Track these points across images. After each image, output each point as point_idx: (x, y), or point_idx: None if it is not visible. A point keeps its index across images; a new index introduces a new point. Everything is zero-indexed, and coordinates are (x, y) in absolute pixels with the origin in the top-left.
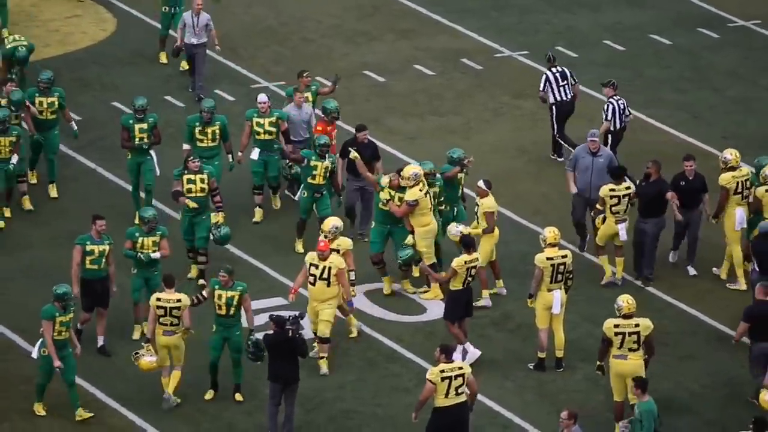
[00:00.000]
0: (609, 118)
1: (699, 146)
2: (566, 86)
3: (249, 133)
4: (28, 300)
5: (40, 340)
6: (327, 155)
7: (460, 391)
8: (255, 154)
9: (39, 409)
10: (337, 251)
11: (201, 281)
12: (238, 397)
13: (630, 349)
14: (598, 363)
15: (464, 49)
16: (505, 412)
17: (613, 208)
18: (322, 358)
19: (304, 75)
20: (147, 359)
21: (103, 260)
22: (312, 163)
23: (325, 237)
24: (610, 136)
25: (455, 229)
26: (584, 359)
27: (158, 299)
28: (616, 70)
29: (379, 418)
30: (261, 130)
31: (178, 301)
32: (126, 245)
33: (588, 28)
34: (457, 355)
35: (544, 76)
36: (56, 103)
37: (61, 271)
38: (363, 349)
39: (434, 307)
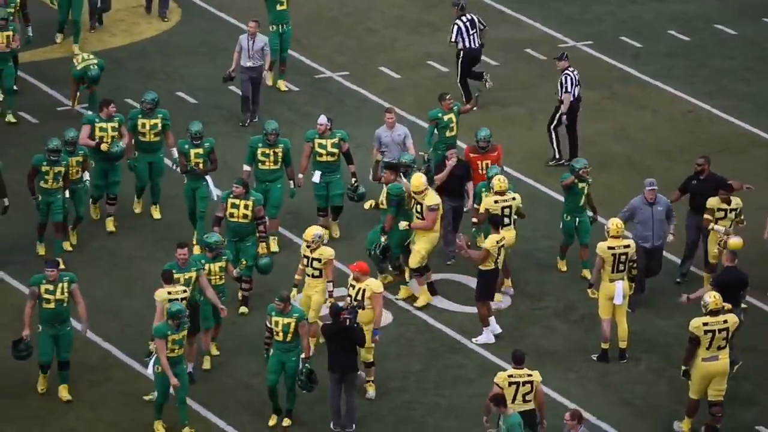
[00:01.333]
0: (569, 89)
1: (763, 136)
2: (475, 34)
3: (309, 154)
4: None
5: (154, 356)
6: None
7: (528, 398)
8: (317, 177)
9: (158, 428)
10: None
11: (242, 309)
12: (286, 422)
13: (719, 348)
14: (683, 368)
15: (528, 40)
16: (568, 403)
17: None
18: (368, 381)
19: (447, 98)
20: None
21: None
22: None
23: (308, 246)
24: (565, 116)
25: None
26: (648, 350)
27: (168, 292)
28: (680, 60)
29: (442, 409)
30: (323, 152)
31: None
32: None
33: (652, 17)
34: (483, 336)
35: (455, 26)
36: (159, 125)
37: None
38: (426, 339)
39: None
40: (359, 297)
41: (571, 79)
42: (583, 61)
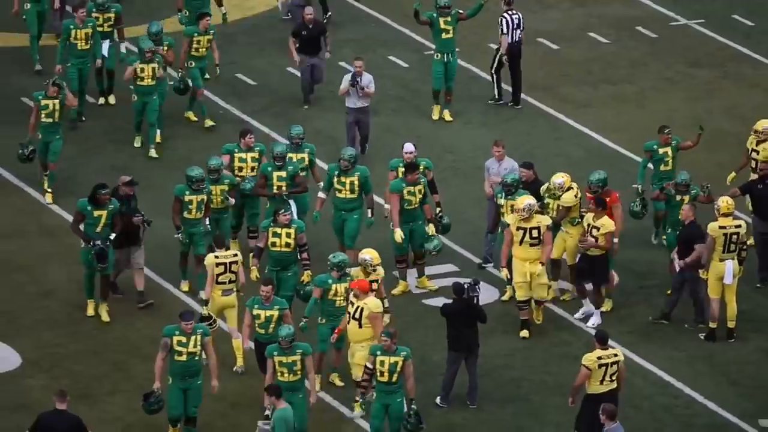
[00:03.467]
0: (505, 31)
1: None
2: (518, 30)
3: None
4: None
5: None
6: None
7: (613, 378)
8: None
9: None
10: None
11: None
12: None
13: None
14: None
15: (639, 17)
16: (675, 382)
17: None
18: (356, 401)
19: (666, 131)
20: (217, 323)
21: (271, 325)
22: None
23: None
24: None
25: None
26: (756, 330)
27: (216, 256)
28: None
29: (549, 386)
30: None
31: (235, 255)
32: (314, 294)
33: None
34: (595, 318)
35: (502, 19)
36: (306, 159)
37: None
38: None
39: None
40: (357, 315)
41: (509, 21)
42: (695, 40)
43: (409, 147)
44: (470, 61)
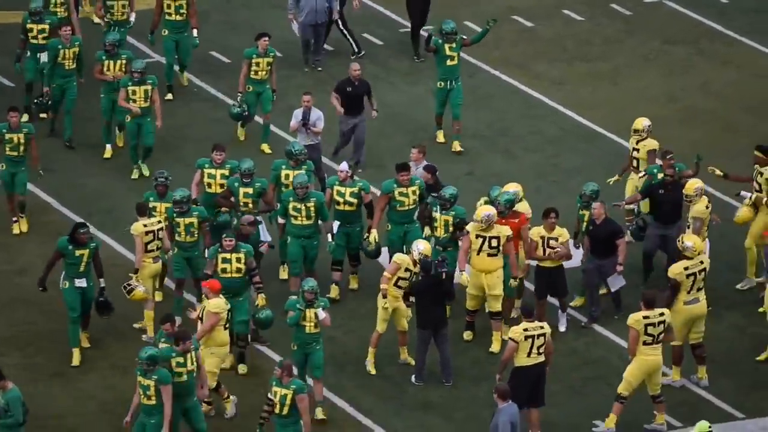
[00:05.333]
0: None
1: None
2: None
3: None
4: None
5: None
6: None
7: (541, 351)
8: (335, 226)
9: None
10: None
11: (241, 366)
12: None
13: (698, 290)
14: None
15: None
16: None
17: None
18: (227, 398)
19: (668, 157)
20: (140, 290)
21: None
22: None
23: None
24: None
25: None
26: (729, 308)
27: (144, 225)
28: (766, 16)
29: None
30: (341, 200)
31: (159, 222)
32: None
33: None
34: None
35: None
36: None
37: None
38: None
39: None
40: (201, 316)
41: None
42: (669, 17)
43: (343, 166)
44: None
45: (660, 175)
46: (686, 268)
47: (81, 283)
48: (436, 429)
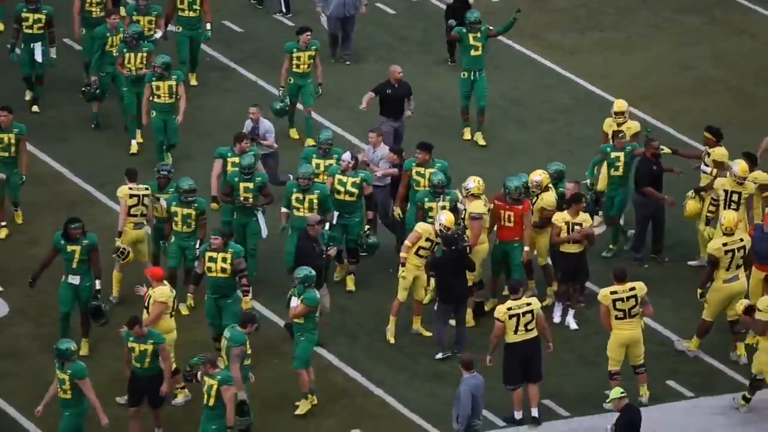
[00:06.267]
0: None
1: None
2: None
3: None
4: None
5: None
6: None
7: (529, 327)
8: (333, 218)
9: None
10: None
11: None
12: None
13: (737, 267)
14: (700, 290)
15: None
16: (663, 329)
17: None
18: (178, 388)
19: (619, 135)
20: (131, 255)
21: (146, 359)
22: None
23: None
24: None
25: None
26: None
27: (130, 188)
28: None
29: None
30: (342, 189)
31: (147, 189)
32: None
33: None
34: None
35: None
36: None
37: None
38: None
39: None
40: (147, 304)
41: None
42: None
43: (346, 156)
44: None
45: (614, 154)
46: (725, 245)
47: (74, 280)
48: (447, 399)
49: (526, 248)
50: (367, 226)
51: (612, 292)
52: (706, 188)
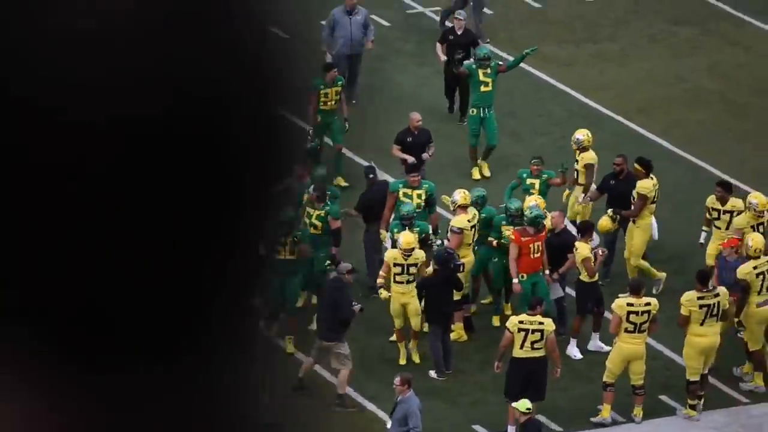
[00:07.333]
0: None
1: None
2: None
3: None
4: None
5: None
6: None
7: (536, 346)
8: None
9: None
10: None
11: None
12: None
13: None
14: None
15: None
16: (655, 343)
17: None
18: None
19: (532, 161)
20: None
21: None
22: None
23: (405, 255)
24: None
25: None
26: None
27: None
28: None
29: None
30: (307, 221)
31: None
32: None
33: None
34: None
35: None
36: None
37: None
38: None
39: None
40: None
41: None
42: None
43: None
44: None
45: (529, 181)
46: (755, 268)
47: None
48: (441, 414)
49: (555, 275)
50: (328, 262)
51: (629, 304)
52: (626, 214)
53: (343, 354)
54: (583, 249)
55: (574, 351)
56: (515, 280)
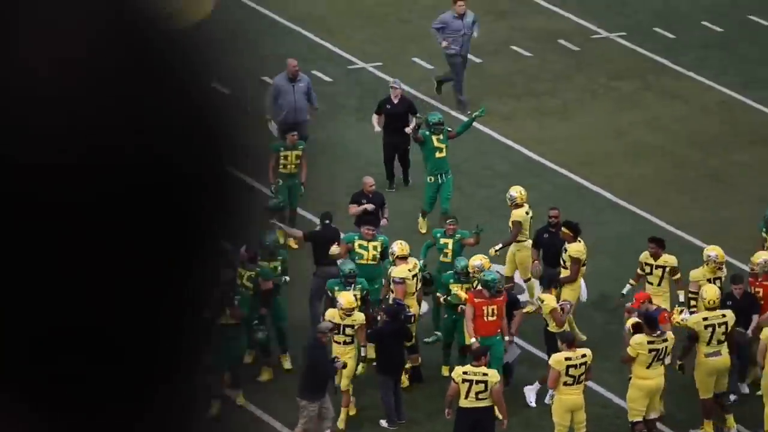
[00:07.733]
0: None
1: None
2: None
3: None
4: None
5: None
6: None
7: (480, 397)
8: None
9: None
10: None
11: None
12: None
13: (719, 342)
14: (679, 362)
15: (561, 30)
16: (605, 392)
17: None
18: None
19: (447, 222)
20: None
21: None
22: None
23: (346, 314)
24: None
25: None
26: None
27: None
28: (714, 51)
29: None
30: (239, 282)
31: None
32: None
33: (687, 8)
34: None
35: None
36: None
37: None
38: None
39: None
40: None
41: None
42: (617, 52)
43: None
44: (393, 75)
45: (442, 240)
46: (705, 319)
47: None
48: None
49: (507, 337)
50: (255, 322)
51: (566, 358)
52: (563, 281)
53: (325, 408)
54: (549, 300)
55: (531, 396)
56: (472, 340)
